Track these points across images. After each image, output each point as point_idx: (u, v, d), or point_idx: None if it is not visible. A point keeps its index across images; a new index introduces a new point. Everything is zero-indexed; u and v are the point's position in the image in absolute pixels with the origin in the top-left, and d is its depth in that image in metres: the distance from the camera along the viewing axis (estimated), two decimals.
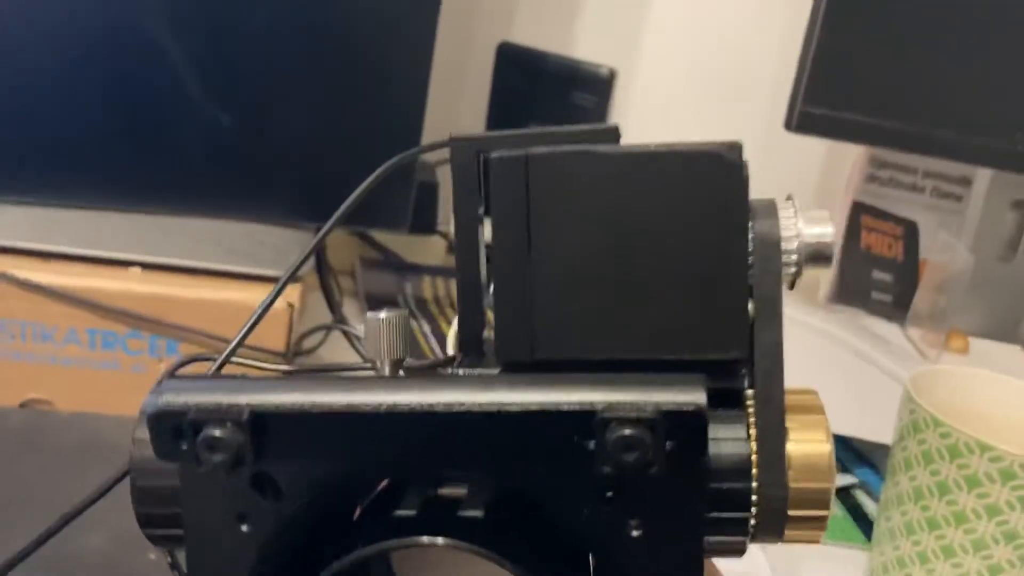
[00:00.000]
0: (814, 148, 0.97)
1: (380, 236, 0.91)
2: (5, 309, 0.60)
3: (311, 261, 0.69)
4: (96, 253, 0.62)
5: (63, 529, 0.48)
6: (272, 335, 0.63)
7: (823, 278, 0.97)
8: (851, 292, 0.97)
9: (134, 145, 0.64)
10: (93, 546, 0.48)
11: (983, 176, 0.94)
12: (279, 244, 0.67)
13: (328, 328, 0.72)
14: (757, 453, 0.25)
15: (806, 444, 0.25)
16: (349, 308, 0.79)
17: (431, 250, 0.93)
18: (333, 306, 0.75)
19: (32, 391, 0.61)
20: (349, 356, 0.72)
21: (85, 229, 0.63)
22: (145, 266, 0.63)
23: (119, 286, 0.61)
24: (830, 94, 0.74)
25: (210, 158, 0.66)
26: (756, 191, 0.26)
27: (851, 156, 0.94)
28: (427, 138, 0.69)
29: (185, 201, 0.65)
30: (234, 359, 0.39)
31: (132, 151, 0.64)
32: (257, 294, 0.63)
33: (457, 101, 0.95)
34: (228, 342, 0.62)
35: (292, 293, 0.64)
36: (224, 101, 0.65)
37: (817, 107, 0.74)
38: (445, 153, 0.31)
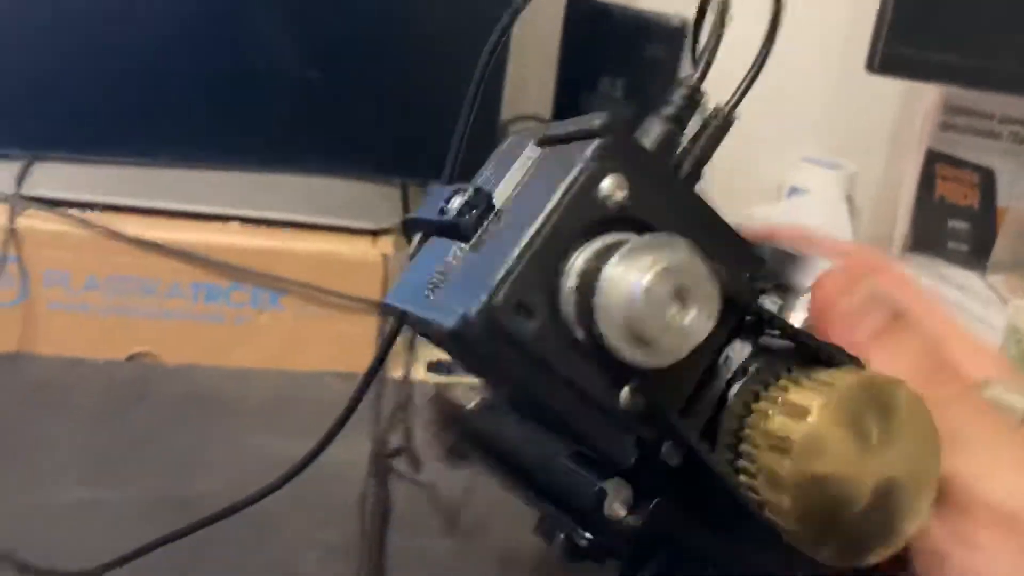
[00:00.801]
0: (887, 96, 0.96)
1: None
2: (111, 265, 0.61)
3: (396, 218, 0.69)
4: (197, 209, 0.64)
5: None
6: (367, 286, 0.64)
7: (896, 231, 0.96)
8: (926, 243, 0.96)
9: (231, 104, 0.65)
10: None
11: None
12: (369, 198, 0.68)
13: None
14: None
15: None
16: None
17: None
18: None
19: (138, 345, 0.63)
20: None
21: (185, 186, 0.65)
22: (244, 220, 0.64)
23: (221, 240, 0.62)
24: (914, 33, 0.73)
25: (302, 116, 0.67)
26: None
27: (924, 105, 0.93)
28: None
29: (279, 158, 0.66)
30: None
31: (229, 110, 0.65)
32: (351, 246, 0.64)
33: (528, 58, 0.95)
34: (328, 293, 0.63)
35: (385, 244, 0.65)
36: (315, 59, 0.66)
37: (901, 47, 0.73)
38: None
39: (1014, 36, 0.74)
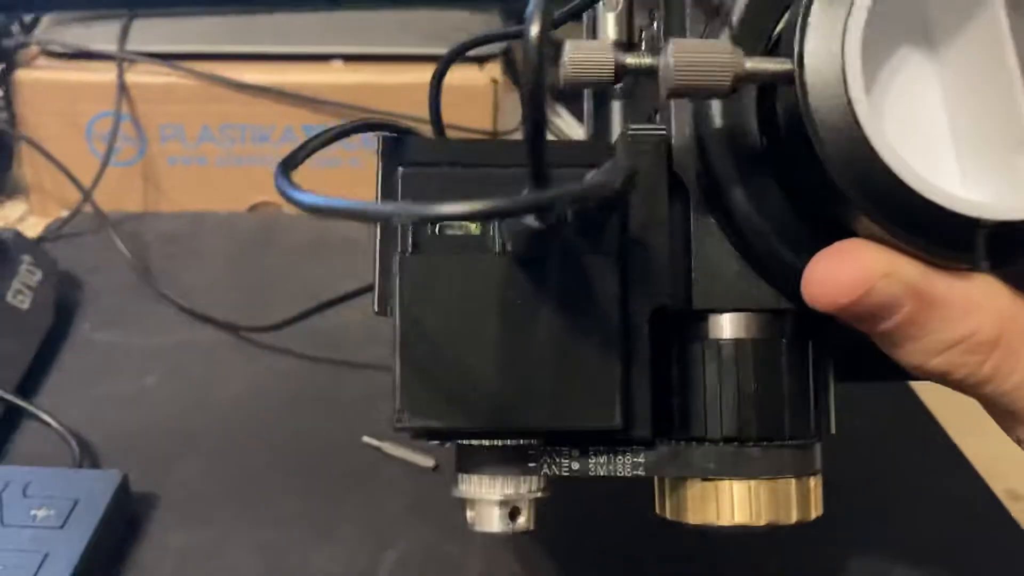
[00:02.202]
0: None
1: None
2: (222, 114, 0.61)
3: (501, 45, 0.67)
4: (297, 50, 0.62)
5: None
6: (478, 113, 0.62)
7: None
8: None
9: None
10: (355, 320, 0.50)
11: None
12: (471, 26, 0.65)
13: None
14: None
15: None
16: None
17: None
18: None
19: (258, 195, 0.63)
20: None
21: (281, 29, 0.63)
22: (347, 58, 0.62)
23: (326, 80, 0.61)
24: None
25: None
26: None
27: None
28: None
29: None
30: None
31: None
32: (458, 74, 0.62)
33: None
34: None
35: (493, 69, 0.63)
36: None
37: None
38: None
39: None
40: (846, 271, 0.22)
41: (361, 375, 0.49)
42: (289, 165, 0.24)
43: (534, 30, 0.19)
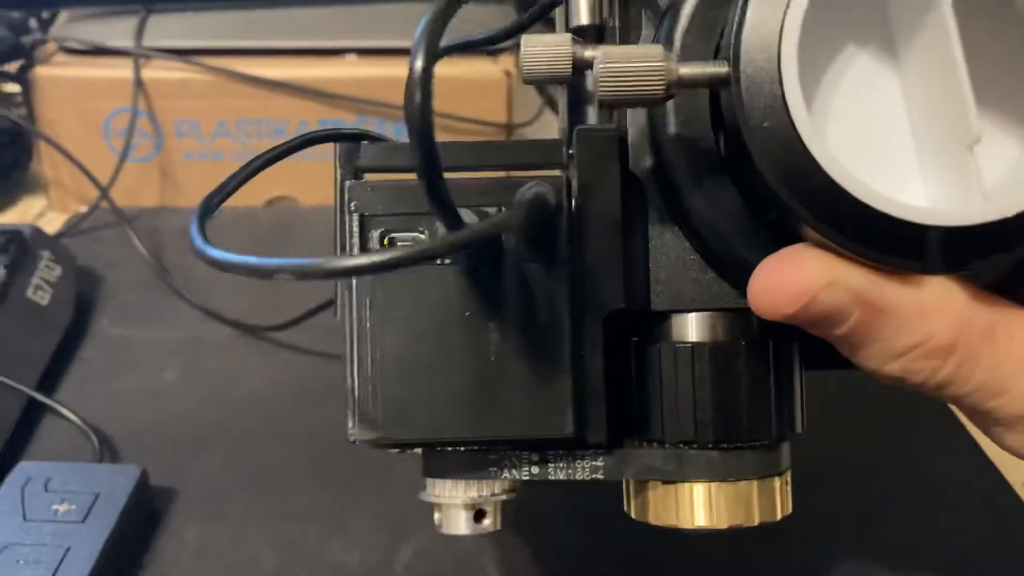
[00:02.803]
0: None
1: None
2: (238, 109, 0.61)
3: (516, 37, 0.67)
4: (311, 45, 0.63)
5: None
6: (492, 106, 0.62)
7: None
8: None
9: None
10: None
11: None
12: (485, 17, 0.65)
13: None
14: None
15: None
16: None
17: None
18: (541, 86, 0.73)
19: (274, 190, 0.64)
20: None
21: (295, 24, 0.64)
22: (360, 52, 0.63)
23: (339, 74, 0.61)
24: None
25: None
26: None
27: None
28: None
29: None
30: None
31: None
32: (472, 67, 0.62)
33: None
34: (454, 117, 0.62)
35: (506, 62, 0.63)
36: None
37: None
38: None
39: None
40: (789, 280, 0.22)
41: None
42: (205, 213, 0.24)
43: (418, 64, 0.18)
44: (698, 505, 0.26)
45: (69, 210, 0.63)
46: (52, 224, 0.61)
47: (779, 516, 0.26)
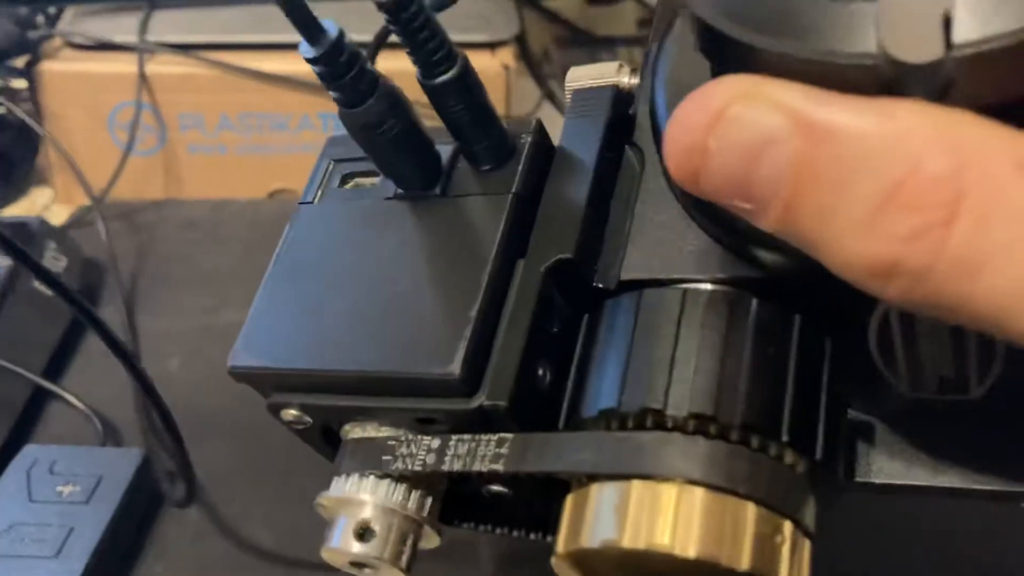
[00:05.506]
0: None
1: (570, 13, 0.88)
2: (241, 103, 0.62)
3: (514, 30, 0.67)
4: None
5: None
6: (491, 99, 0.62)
7: None
8: None
9: None
10: None
11: None
12: (485, 11, 0.66)
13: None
14: None
15: None
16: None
17: (620, 20, 0.90)
18: (540, 79, 0.74)
19: (277, 182, 0.64)
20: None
21: None
22: (361, 46, 0.63)
23: None
24: None
25: None
26: None
27: None
28: None
29: None
30: None
31: None
32: (471, 60, 0.63)
33: None
34: None
35: (505, 55, 0.63)
36: None
37: None
38: None
39: None
40: (697, 103, 0.16)
41: None
42: None
43: None
44: (628, 515, 0.19)
45: (75, 203, 0.64)
46: (58, 216, 0.62)
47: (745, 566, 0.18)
